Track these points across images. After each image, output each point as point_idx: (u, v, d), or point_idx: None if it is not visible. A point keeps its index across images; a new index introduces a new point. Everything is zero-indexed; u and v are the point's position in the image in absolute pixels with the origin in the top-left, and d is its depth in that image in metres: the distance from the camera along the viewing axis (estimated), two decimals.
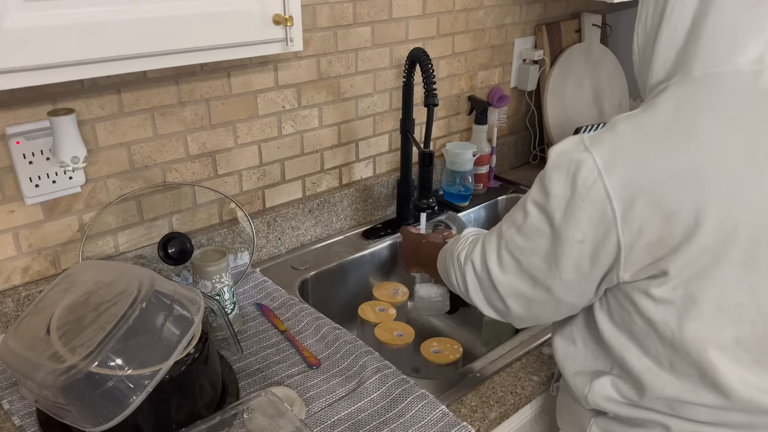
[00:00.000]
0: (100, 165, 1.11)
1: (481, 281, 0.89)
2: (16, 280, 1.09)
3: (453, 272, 0.95)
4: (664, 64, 0.78)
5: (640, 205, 0.71)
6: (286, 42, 1.00)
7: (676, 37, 0.76)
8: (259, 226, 1.32)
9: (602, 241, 0.74)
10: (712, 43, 0.73)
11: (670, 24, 0.76)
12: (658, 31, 0.78)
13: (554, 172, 0.76)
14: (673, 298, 0.74)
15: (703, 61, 0.74)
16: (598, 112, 1.88)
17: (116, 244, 1.17)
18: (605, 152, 0.72)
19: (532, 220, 0.79)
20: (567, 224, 0.75)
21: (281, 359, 1.04)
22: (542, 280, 0.81)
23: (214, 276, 1.06)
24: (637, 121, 0.74)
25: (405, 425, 0.90)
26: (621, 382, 0.83)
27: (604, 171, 0.71)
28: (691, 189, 0.70)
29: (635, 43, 0.83)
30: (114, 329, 0.76)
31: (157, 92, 1.13)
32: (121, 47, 0.84)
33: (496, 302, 0.89)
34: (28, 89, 0.98)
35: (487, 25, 1.64)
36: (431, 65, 1.21)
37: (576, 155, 0.74)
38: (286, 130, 1.33)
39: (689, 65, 0.75)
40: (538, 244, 0.79)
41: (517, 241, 0.82)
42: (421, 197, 1.28)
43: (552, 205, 0.76)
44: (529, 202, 0.80)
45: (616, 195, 0.71)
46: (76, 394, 0.75)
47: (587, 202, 0.72)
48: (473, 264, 0.90)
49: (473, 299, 0.92)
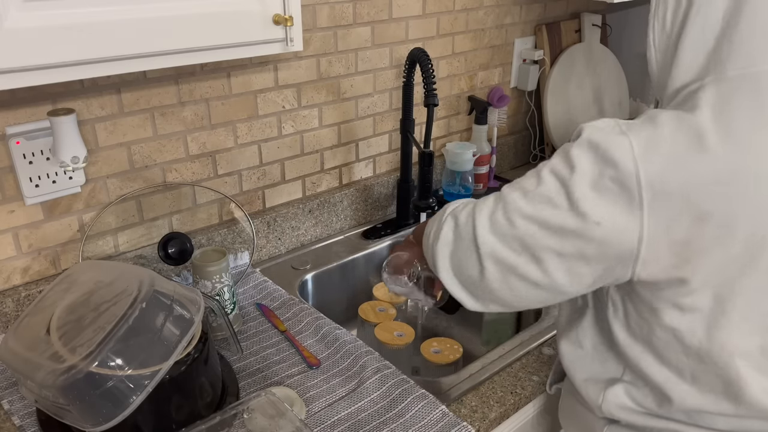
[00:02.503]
0: (100, 165, 1.11)
1: (459, 237, 0.81)
2: (16, 280, 1.09)
3: (430, 226, 0.88)
4: (691, 65, 0.74)
5: (672, 201, 0.67)
6: (286, 42, 1.00)
7: (704, 37, 0.73)
8: (259, 226, 1.32)
9: (620, 229, 0.69)
10: (747, 42, 0.70)
11: (697, 24, 0.73)
12: (682, 31, 0.74)
13: (585, 147, 0.71)
14: (701, 307, 0.72)
15: (738, 61, 0.71)
16: (598, 112, 1.88)
17: (116, 244, 1.17)
18: (643, 140, 0.68)
19: (546, 188, 0.73)
20: (586, 202, 0.70)
21: (281, 359, 1.04)
22: (534, 248, 0.74)
23: (214, 276, 1.06)
24: (678, 118, 0.70)
25: (405, 425, 0.90)
26: (635, 390, 0.81)
27: (639, 158, 0.67)
28: (727, 193, 0.67)
29: (652, 42, 0.79)
30: (114, 329, 0.76)
31: (157, 92, 1.13)
32: (121, 47, 0.84)
33: (468, 264, 0.80)
34: (28, 89, 0.98)
35: (487, 25, 1.64)
36: (431, 65, 1.21)
37: (612, 136, 0.70)
38: (286, 130, 1.33)
39: (722, 66, 0.71)
40: (543, 212, 0.73)
41: (519, 204, 0.75)
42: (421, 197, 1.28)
43: (575, 179, 0.70)
44: (547, 170, 0.74)
45: (647, 184, 0.67)
46: (76, 394, 0.75)
47: (615, 185, 0.68)
48: (456, 219, 0.82)
49: (437, 254, 0.83)
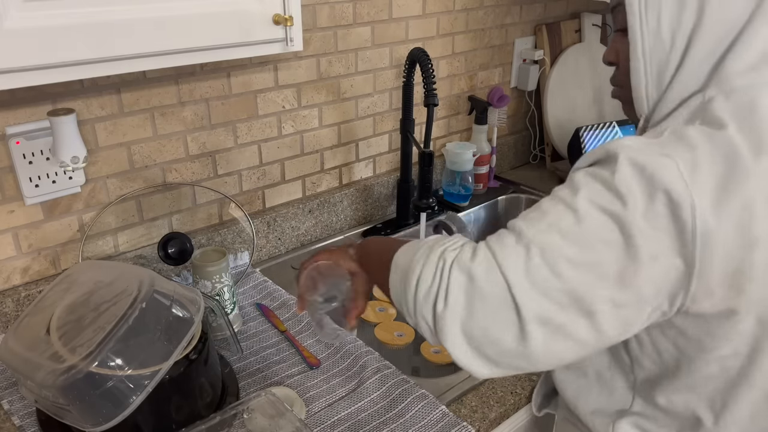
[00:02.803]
0: (100, 165, 1.11)
1: (483, 299, 0.64)
2: (16, 280, 1.09)
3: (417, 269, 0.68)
4: (697, 73, 0.69)
5: (724, 226, 0.61)
6: (286, 42, 0.99)
7: (718, 45, 0.67)
8: (259, 226, 1.32)
9: (672, 262, 0.62)
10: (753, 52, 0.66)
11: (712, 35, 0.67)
12: (691, 38, 0.68)
13: (629, 170, 0.62)
14: (746, 331, 0.68)
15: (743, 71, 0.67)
16: (598, 112, 1.88)
17: (116, 244, 1.17)
18: (687, 162, 0.61)
19: (593, 226, 0.62)
20: (644, 237, 0.61)
21: (281, 359, 1.04)
22: (588, 302, 0.62)
23: (214, 276, 1.06)
24: (709, 137, 0.63)
25: (405, 425, 0.90)
26: (647, 422, 0.78)
27: (691, 182, 0.60)
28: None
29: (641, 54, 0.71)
30: (114, 329, 0.76)
31: (157, 92, 1.13)
32: (121, 47, 0.84)
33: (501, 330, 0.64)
34: (28, 89, 0.98)
35: (487, 25, 1.64)
36: (431, 65, 1.21)
37: (655, 157, 0.62)
38: (286, 130, 1.33)
39: (725, 75, 0.67)
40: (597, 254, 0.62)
41: (562, 249, 0.62)
42: (421, 197, 1.28)
43: (630, 209, 0.61)
44: (586, 204, 0.63)
45: (700, 213, 0.60)
46: (76, 394, 0.75)
47: (668, 212, 0.60)
48: (471, 274, 0.64)
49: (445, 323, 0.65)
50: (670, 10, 0.68)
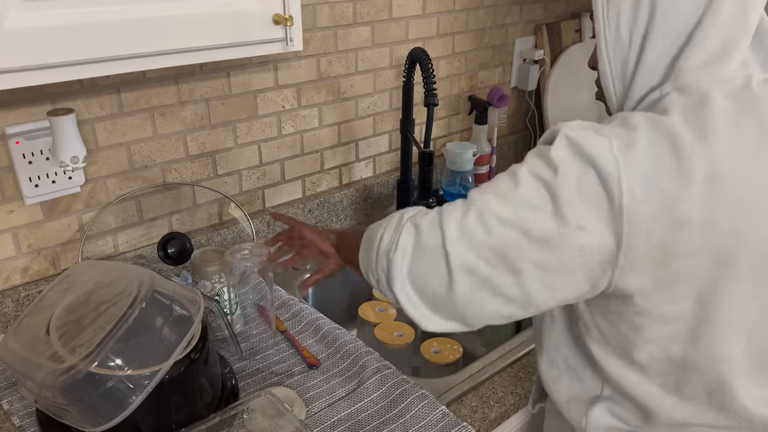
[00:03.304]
0: (99, 165, 1.11)
1: (422, 247, 0.74)
2: (16, 280, 1.09)
3: (383, 230, 0.80)
4: (654, 71, 0.74)
5: (650, 207, 0.65)
6: (286, 42, 0.99)
7: (668, 47, 0.72)
8: (259, 226, 1.32)
9: (601, 233, 0.66)
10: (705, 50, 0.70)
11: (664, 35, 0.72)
12: (644, 42, 0.73)
13: (565, 146, 0.68)
14: (685, 315, 0.71)
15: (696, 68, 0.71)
16: (598, 112, 1.88)
17: (116, 244, 1.17)
18: (621, 142, 0.66)
19: (527, 192, 0.68)
20: (572, 206, 0.66)
21: (281, 359, 1.04)
22: (512, 259, 0.69)
23: (214, 276, 1.06)
24: (651, 120, 0.69)
25: (405, 425, 0.90)
26: (618, 407, 0.80)
27: (620, 158, 0.65)
28: (703, 198, 0.66)
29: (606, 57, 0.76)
30: (114, 329, 0.76)
31: (157, 92, 1.13)
32: (121, 47, 0.84)
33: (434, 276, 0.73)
34: (28, 89, 0.98)
35: (487, 25, 1.64)
36: (431, 65, 1.21)
37: (590, 134, 0.67)
38: (286, 130, 1.33)
39: (681, 72, 0.72)
40: (525, 217, 0.68)
41: (495, 207, 0.69)
42: (421, 197, 1.28)
43: (559, 180, 0.67)
44: (525, 172, 0.70)
45: (627, 189, 0.65)
46: (75, 394, 0.75)
47: (599, 187, 0.65)
48: (418, 226, 0.75)
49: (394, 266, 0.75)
50: (626, 13, 0.73)
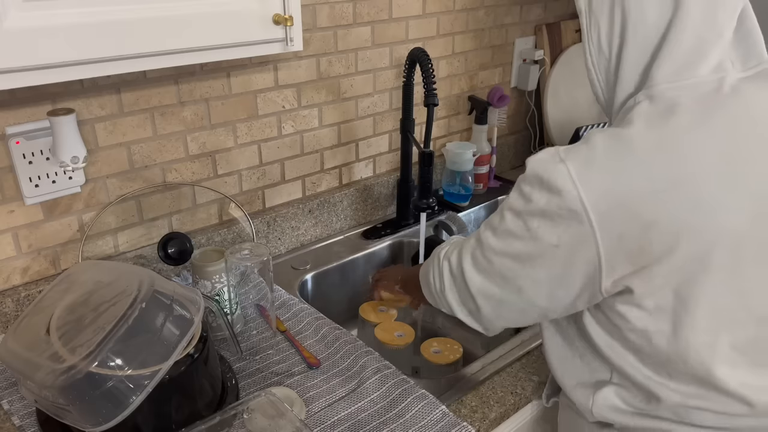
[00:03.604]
0: (99, 165, 1.11)
1: (455, 279, 0.89)
2: (16, 280, 1.09)
3: (432, 271, 0.95)
4: (630, 81, 0.78)
5: (617, 215, 0.71)
6: (286, 42, 0.99)
7: (641, 55, 0.76)
8: (259, 226, 1.32)
9: (578, 248, 0.74)
10: (675, 57, 0.74)
11: (636, 45, 0.76)
12: (621, 50, 0.78)
13: (531, 180, 0.76)
14: (665, 307, 0.74)
15: (667, 76, 0.75)
16: (598, 112, 1.88)
17: (116, 244, 1.17)
18: (579, 163, 0.73)
19: (507, 224, 0.80)
20: (542, 229, 0.75)
21: (281, 359, 1.04)
22: (513, 280, 0.81)
23: (214, 276, 1.06)
24: (611, 135, 0.74)
25: (405, 425, 0.90)
26: (624, 391, 0.83)
27: (579, 182, 0.72)
28: (668, 200, 0.70)
29: (591, 66, 0.82)
30: (114, 329, 0.76)
31: (157, 92, 1.13)
32: (121, 47, 0.84)
33: (468, 302, 0.89)
34: (28, 89, 0.98)
35: (487, 25, 1.64)
36: (431, 65, 1.21)
37: (551, 166, 0.74)
38: (286, 130, 1.33)
39: (653, 80, 0.75)
40: (511, 245, 0.79)
41: (491, 242, 0.82)
42: (421, 197, 1.28)
43: (528, 210, 0.76)
44: (506, 207, 0.81)
45: (591, 205, 0.71)
46: (75, 394, 0.75)
47: (563, 210, 0.73)
48: (450, 262, 0.90)
49: (448, 298, 0.91)
50: (605, 27, 0.79)
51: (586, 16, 0.80)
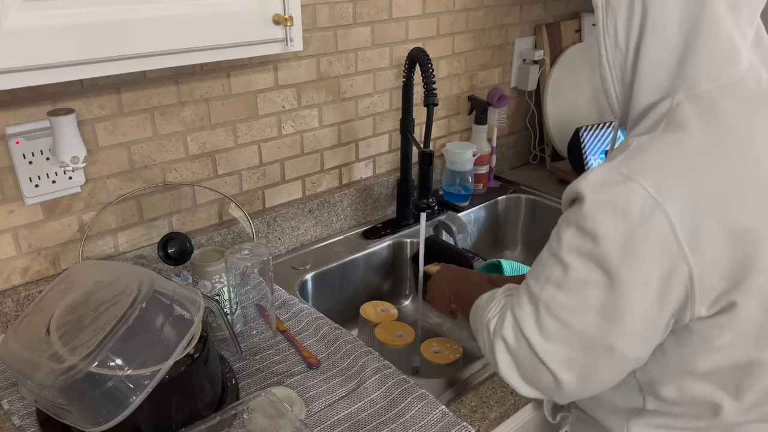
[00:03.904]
0: (100, 165, 1.11)
1: (519, 357, 0.75)
2: (16, 280, 1.09)
3: (482, 340, 0.82)
4: (654, 82, 0.74)
5: (708, 227, 0.64)
6: (286, 42, 1.00)
7: (663, 54, 0.72)
8: (259, 226, 1.32)
9: (669, 278, 0.65)
10: (713, 56, 0.70)
11: (655, 41, 0.72)
12: (639, 48, 0.74)
13: (597, 210, 0.66)
14: (753, 319, 0.69)
15: (708, 75, 0.71)
16: (598, 112, 1.88)
17: (116, 244, 1.17)
18: (652, 176, 0.65)
19: (577, 272, 0.69)
20: (628, 267, 0.65)
21: (281, 359, 1.04)
22: (601, 339, 0.69)
23: (214, 276, 1.06)
24: (669, 140, 0.68)
25: (405, 425, 0.90)
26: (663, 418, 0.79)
27: (660, 197, 0.64)
28: (754, 201, 0.65)
29: (606, 61, 0.77)
30: (114, 329, 0.76)
31: (157, 92, 1.13)
32: (121, 47, 0.84)
33: (541, 379, 0.74)
34: (28, 89, 0.98)
35: (487, 25, 1.64)
36: (431, 65, 1.21)
37: (619, 187, 0.66)
38: (286, 130, 1.33)
39: (691, 81, 0.71)
40: (590, 298, 0.68)
41: (560, 300, 0.70)
42: (421, 197, 1.28)
43: (604, 248, 0.66)
44: (566, 251, 0.69)
45: (679, 221, 0.64)
46: (76, 394, 0.75)
47: (648, 236, 0.64)
48: (505, 340, 0.76)
49: (507, 379, 0.78)
50: (623, 19, 0.74)
51: (603, 9, 0.76)
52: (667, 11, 0.71)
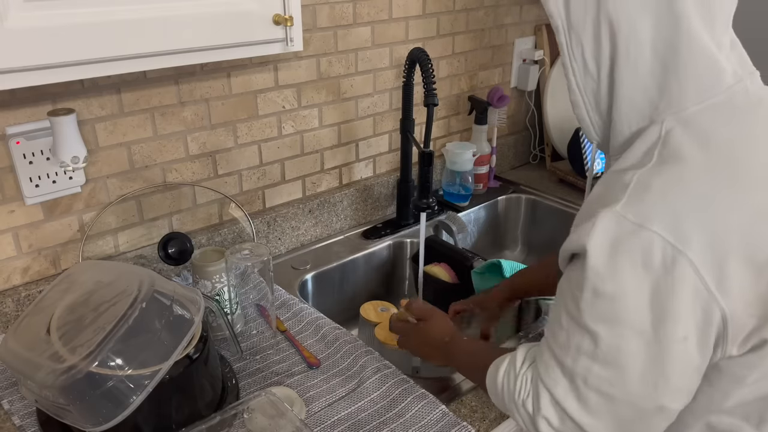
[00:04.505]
0: (100, 165, 1.11)
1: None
2: (16, 280, 1.09)
3: (522, 422, 0.76)
4: (634, 109, 0.70)
5: (732, 264, 0.61)
6: (286, 42, 1.00)
7: (641, 79, 0.68)
8: (259, 226, 1.32)
9: (705, 325, 0.62)
10: (696, 75, 0.67)
11: (629, 68, 0.68)
12: (613, 76, 0.70)
13: (614, 268, 0.62)
14: None
15: (694, 97, 0.67)
16: None
17: (116, 244, 1.17)
18: (665, 221, 0.61)
19: (608, 342, 0.64)
20: (662, 324, 0.61)
21: (281, 359, 1.04)
22: (649, 404, 0.66)
23: (214, 276, 1.06)
24: (672, 174, 0.64)
25: (405, 425, 0.90)
26: None
27: (679, 243, 0.60)
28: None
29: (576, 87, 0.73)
30: (114, 329, 0.76)
31: (157, 92, 1.13)
32: (121, 47, 0.84)
33: None
34: (28, 89, 0.98)
35: (487, 25, 1.64)
36: (431, 65, 1.21)
37: (634, 239, 0.61)
38: (286, 130, 1.33)
39: (677, 105, 0.68)
40: (629, 366, 0.64)
41: (597, 373, 0.65)
42: (421, 197, 1.28)
43: (631, 309, 0.62)
44: (590, 320, 0.65)
45: (703, 265, 0.60)
46: (76, 394, 0.75)
47: (675, 287, 0.60)
48: (548, 420, 0.71)
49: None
50: (590, 44, 0.70)
51: (565, 33, 0.71)
52: (639, 33, 0.67)
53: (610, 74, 0.70)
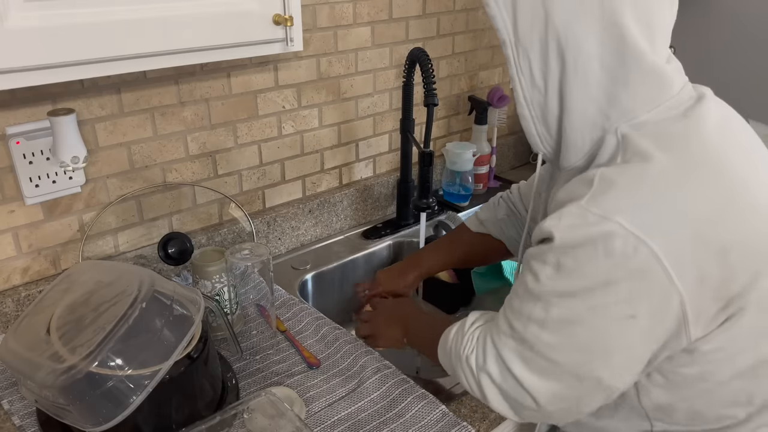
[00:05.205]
0: (100, 165, 1.11)
1: (506, 391, 0.75)
2: (16, 280, 1.09)
3: (464, 377, 0.81)
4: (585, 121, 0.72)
5: (692, 252, 0.64)
6: (286, 42, 1.00)
7: (591, 92, 0.70)
8: (259, 226, 1.32)
9: (661, 310, 0.65)
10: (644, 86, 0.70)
11: (579, 80, 0.70)
12: (563, 89, 0.71)
13: (573, 250, 0.65)
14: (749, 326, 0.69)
15: (644, 105, 0.70)
16: None
17: (116, 244, 1.17)
18: (628, 212, 0.64)
19: (559, 312, 0.68)
20: (612, 304, 0.65)
21: (281, 359, 1.04)
22: (588, 374, 0.69)
23: (214, 276, 1.06)
24: (636, 171, 0.67)
25: (405, 425, 0.90)
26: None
27: (641, 232, 0.62)
28: (732, 216, 0.66)
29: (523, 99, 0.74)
30: (114, 329, 0.76)
31: (157, 92, 1.13)
32: (121, 47, 0.84)
33: (530, 409, 0.75)
34: (28, 89, 0.98)
35: (487, 25, 1.64)
36: (431, 65, 1.21)
37: (594, 228, 0.64)
38: (286, 130, 1.33)
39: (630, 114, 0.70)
40: (576, 335, 0.68)
41: (545, 339, 0.69)
42: (421, 197, 1.28)
43: (585, 287, 0.65)
44: (545, 291, 0.69)
45: (664, 253, 0.62)
46: (76, 394, 0.75)
47: (634, 273, 0.63)
48: (490, 375, 0.76)
49: (496, 408, 0.78)
50: (537, 61, 0.71)
51: (512, 47, 0.72)
52: (586, 48, 0.69)
53: (559, 88, 0.72)
